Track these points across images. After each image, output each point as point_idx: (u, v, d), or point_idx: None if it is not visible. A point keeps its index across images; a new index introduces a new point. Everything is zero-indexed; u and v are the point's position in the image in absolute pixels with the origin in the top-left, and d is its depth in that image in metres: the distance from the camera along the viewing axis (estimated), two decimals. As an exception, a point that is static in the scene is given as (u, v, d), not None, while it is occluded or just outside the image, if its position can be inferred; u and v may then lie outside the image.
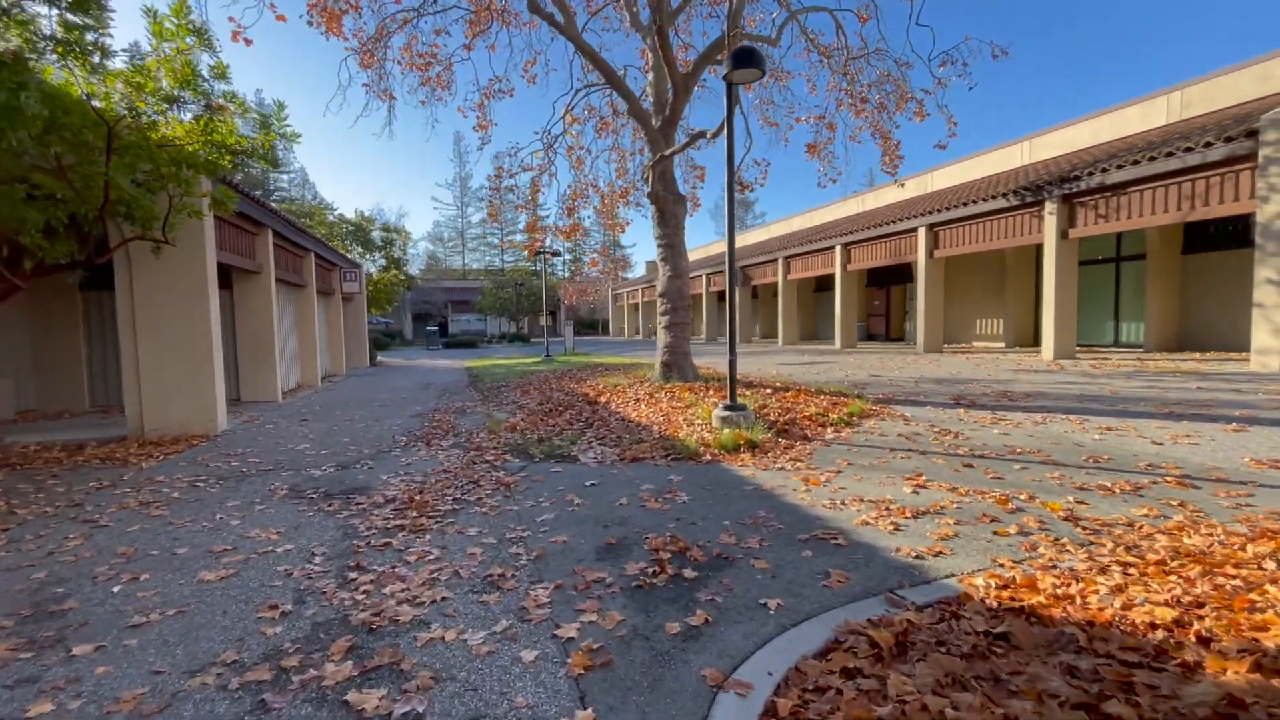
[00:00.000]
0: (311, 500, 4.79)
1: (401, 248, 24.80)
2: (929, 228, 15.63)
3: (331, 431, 7.93)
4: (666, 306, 9.49)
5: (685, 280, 9.61)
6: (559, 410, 8.71)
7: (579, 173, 14.31)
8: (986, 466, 4.84)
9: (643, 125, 9.66)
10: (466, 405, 10.34)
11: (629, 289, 44.20)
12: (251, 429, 8.19)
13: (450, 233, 70.50)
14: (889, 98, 12.06)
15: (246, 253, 10.25)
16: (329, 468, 5.91)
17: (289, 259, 12.77)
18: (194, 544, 3.84)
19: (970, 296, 18.68)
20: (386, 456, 6.37)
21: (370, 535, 3.93)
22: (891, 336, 23.07)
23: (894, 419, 6.89)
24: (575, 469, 5.52)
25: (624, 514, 4.14)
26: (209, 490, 5.13)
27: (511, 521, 4.11)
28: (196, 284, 7.62)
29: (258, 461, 6.21)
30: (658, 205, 9.53)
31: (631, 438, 6.43)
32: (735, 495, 4.42)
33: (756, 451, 5.59)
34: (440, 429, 7.94)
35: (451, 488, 5.04)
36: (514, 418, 8.57)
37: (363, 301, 20.26)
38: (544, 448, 6.40)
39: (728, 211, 6.34)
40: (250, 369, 10.89)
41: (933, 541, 3.35)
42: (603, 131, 14.67)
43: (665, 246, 9.57)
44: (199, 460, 6.30)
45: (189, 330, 7.63)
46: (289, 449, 6.83)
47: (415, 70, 12.00)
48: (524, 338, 44.05)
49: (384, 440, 7.26)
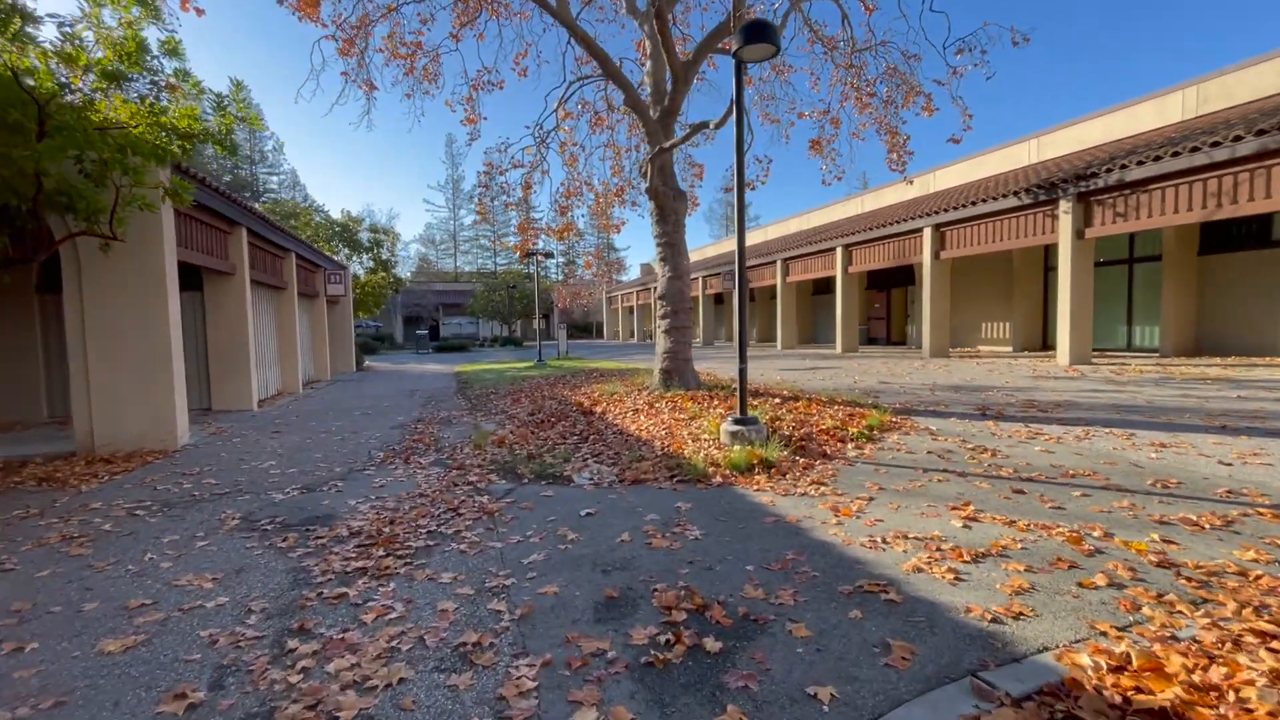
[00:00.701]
0: (264, 533, 4.14)
1: (390, 249, 24.07)
2: (935, 228, 15.11)
3: (303, 446, 7.26)
4: (666, 309, 8.88)
5: (686, 281, 9.01)
6: (551, 421, 8.07)
7: (572, 170, 13.70)
8: (1040, 493, 4.25)
9: (640, 117, 9.07)
10: (452, 414, 9.69)
11: (623, 291, 43.60)
12: (216, 443, 7.51)
13: (442, 235, 69.74)
14: (897, 91, 11.53)
15: (218, 252, 9.57)
16: (293, 490, 5.25)
17: (267, 259, 12.08)
18: (108, 596, 3.18)
19: (976, 299, 18.17)
20: (359, 476, 5.72)
21: (324, 582, 3.29)
22: (893, 340, 22.55)
23: (919, 433, 6.29)
24: (569, 493, 4.89)
25: (626, 554, 3.51)
26: (147, 521, 4.47)
27: (493, 563, 3.47)
28: (153, 285, 6.94)
29: (213, 483, 5.54)
30: (657, 201, 8.93)
31: (631, 455, 5.80)
32: (755, 529, 3.80)
33: (773, 472, 4.97)
34: (421, 442, 7.29)
35: (427, 516, 4.40)
36: (502, 430, 7.93)
37: (349, 304, 19.56)
38: (534, 466, 5.77)
39: (737, 202, 5.74)
40: (222, 376, 10.19)
41: (1006, 597, 2.75)
42: (597, 127, 14.07)
43: (665, 245, 8.97)
44: (147, 482, 5.62)
45: (145, 335, 6.95)
46: (252, 467, 6.16)
47: (400, 60, 11.36)
48: (516, 341, 43.35)
49: (359, 456, 6.61)
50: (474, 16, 11.71)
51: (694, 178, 14.63)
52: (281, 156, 58.84)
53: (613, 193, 14.64)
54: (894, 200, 21.17)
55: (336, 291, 17.03)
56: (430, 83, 12.28)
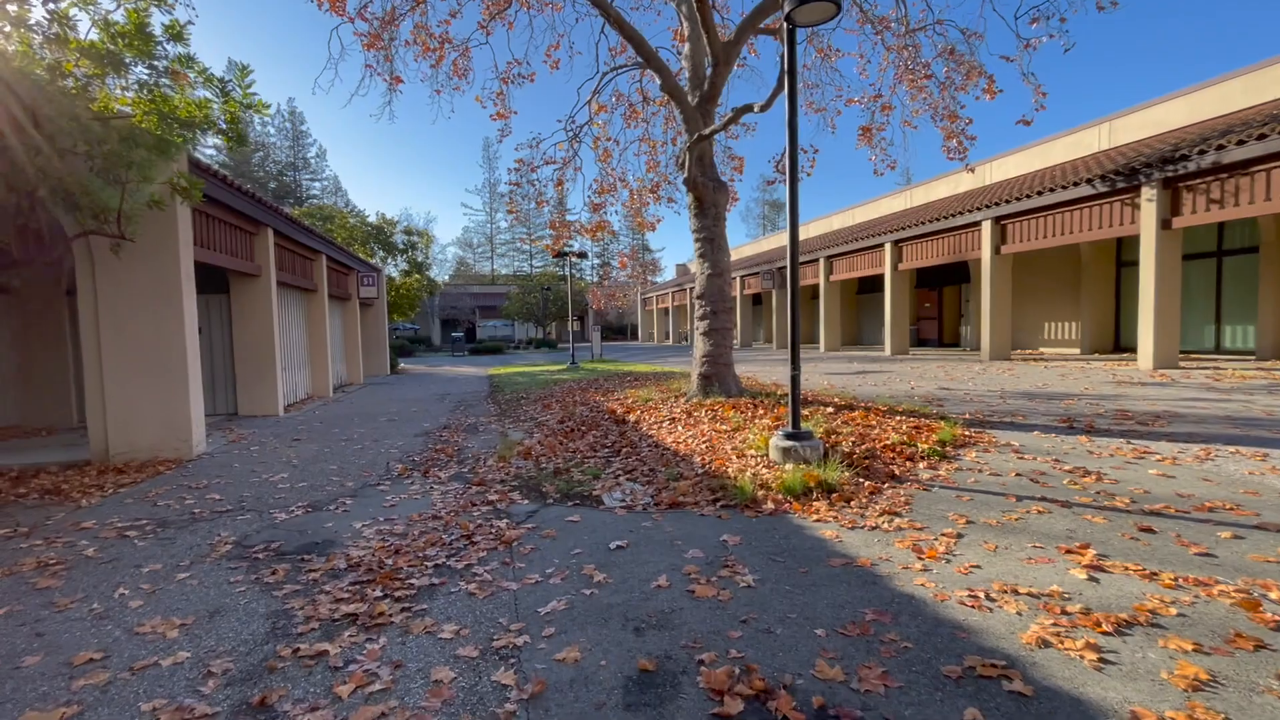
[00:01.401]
0: (254, 563, 3.67)
1: (424, 251, 24.02)
2: (995, 221, 14.01)
3: (320, 455, 6.87)
4: (705, 309, 8.22)
5: (727, 279, 8.33)
6: (582, 430, 7.50)
7: (606, 166, 13.17)
8: (1176, 532, 3.44)
9: (678, 103, 8.44)
10: (480, 421, 9.23)
11: (658, 293, 43.00)
12: (233, 452, 7.19)
13: (479, 238, 70.46)
14: (956, 70, 10.62)
15: (242, 254, 9.34)
16: (297, 509, 4.80)
17: (296, 261, 11.89)
18: (57, 646, 2.72)
19: (1038, 297, 16.90)
20: (371, 492, 5.25)
21: (306, 633, 2.76)
22: (945, 341, 21.30)
23: (1000, 449, 5.47)
24: (598, 518, 4.29)
25: (665, 604, 2.89)
26: (135, 545, 4.05)
27: (505, 612, 2.90)
28: (168, 287, 6.65)
29: (217, 499, 5.14)
30: (695, 193, 8.28)
31: (669, 473, 5.17)
32: (821, 575, 3.13)
33: (834, 498, 4.27)
34: (443, 453, 6.81)
35: (437, 545, 3.86)
36: (529, 439, 7.40)
37: (383, 307, 19.48)
38: (561, 483, 5.19)
39: (789, 186, 5.06)
40: (248, 381, 9.98)
41: (1182, 695, 2.02)
42: (632, 120, 13.50)
43: (704, 240, 8.31)
44: (149, 496, 5.26)
45: (160, 340, 6.67)
46: (262, 480, 5.77)
47: (429, 54, 11.01)
48: (551, 343, 43.20)
49: (375, 468, 6.16)
50: (504, 7, 11.30)
51: (733, 171, 13.93)
52: (324, 163, 60.36)
53: (648, 189, 14.07)
54: (946, 194, 19.98)
55: (369, 294, 16.91)
56: (460, 78, 11.92)
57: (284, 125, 58.21)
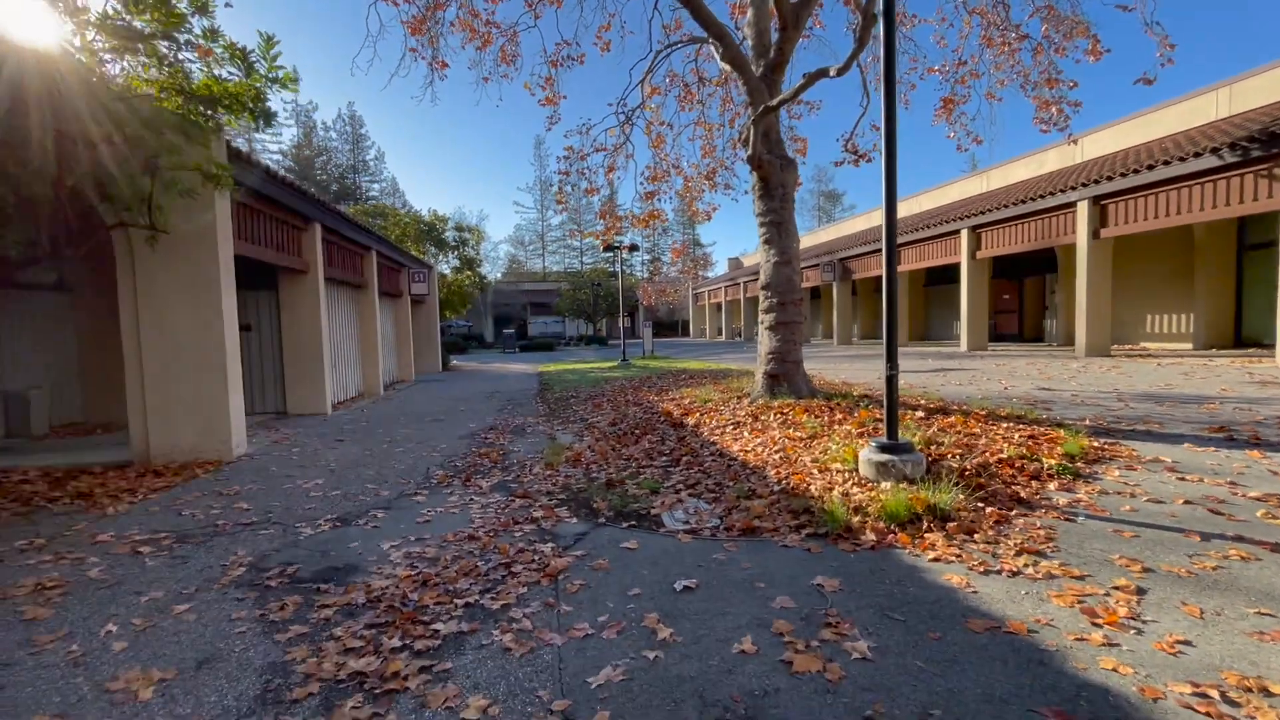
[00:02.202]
0: (264, 593, 3.17)
1: (475, 247, 23.95)
2: (1094, 201, 12.52)
3: (360, 459, 6.47)
4: (771, 301, 7.41)
5: (796, 268, 7.49)
6: (636, 434, 6.85)
7: (659, 152, 12.48)
8: None
9: (741, 73, 7.65)
10: (528, 421, 8.73)
11: (710, 287, 42.04)
12: (272, 454, 6.89)
13: (531, 236, 71.02)
14: (1055, 30, 9.40)
15: (289, 249, 9.14)
16: (325, 523, 4.33)
17: (345, 257, 11.73)
18: (11, 706, 2.25)
19: (1138, 286, 15.16)
20: (407, 504, 4.75)
21: (302, 701, 2.20)
22: (1025, 336, 19.59)
23: (1148, 467, 4.48)
24: (658, 544, 3.62)
25: (752, 683, 2.18)
26: (145, 564, 3.64)
27: (546, 680, 2.26)
28: (206, 282, 6.38)
29: (245, 509, 4.75)
30: (760, 173, 7.47)
31: (738, 489, 4.45)
32: (961, 643, 2.35)
33: (950, 528, 3.45)
34: (487, 458, 6.30)
35: (471, 575, 3.28)
36: (579, 443, 6.81)
37: (434, 304, 19.42)
38: (614, 497, 4.55)
39: (885, 149, 4.24)
40: (296, 379, 9.81)
41: None
42: (686, 103, 12.75)
43: (770, 225, 7.50)
44: (177, 504, 4.93)
45: (199, 337, 6.41)
46: (295, 487, 5.37)
47: (475, 38, 10.57)
48: (602, 339, 42.89)
49: (414, 475, 5.69)
50: (553, -14, 10.74)
51: (796, 153, 12.99)
52: (382, 165, 62.09)
53: (703, 175, 13.30)
54: (1027, 175, 18.29)
55: (420, 291, 16.80)
56: (508, 64, 11.46)
57: (344, 129, 60.17)
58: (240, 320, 9.86)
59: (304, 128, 59.22)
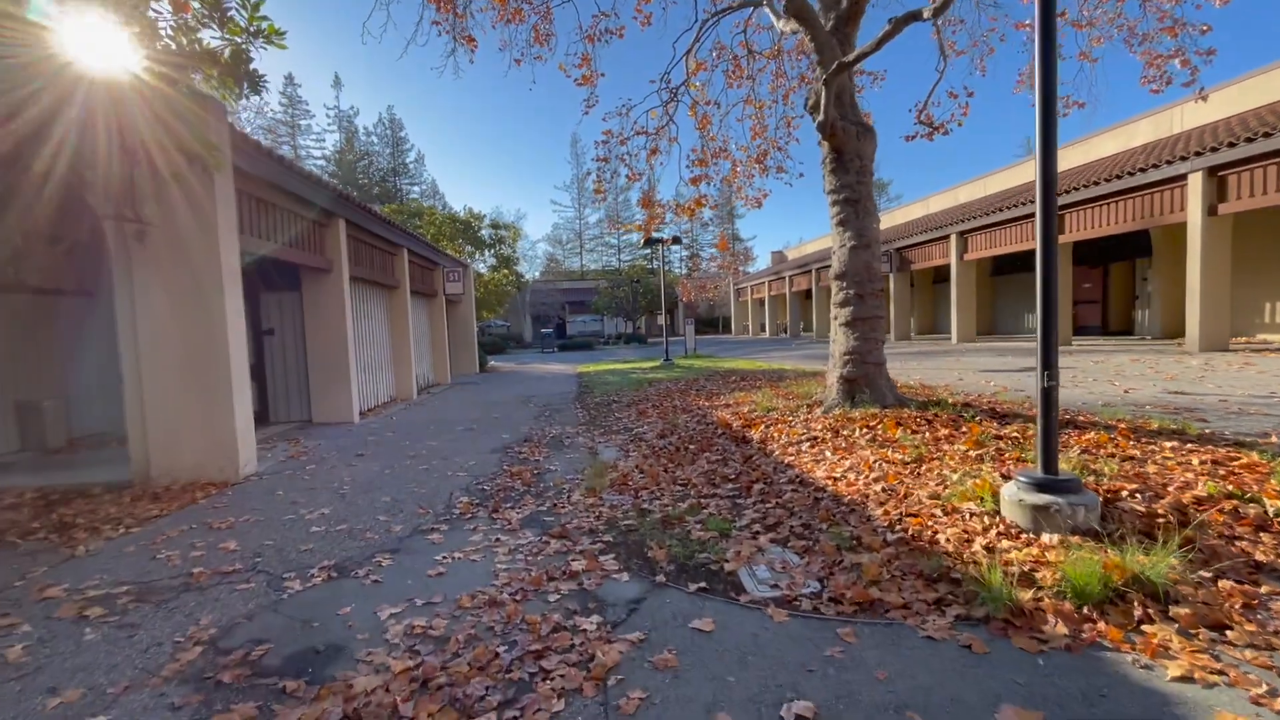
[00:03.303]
0: (213, 694, 2.34)
1: (511, 244, 23.31)
2: (1209, 173, 10.87)
3: (377, 480, 5.69)
4: (847, 292, 6.31)
5: (876, 252, 6.37)
6: (691, 451, 5.87)
7: (705, 133, 11.44)
8: None
9: (808, 27, 6.56)
10: (565, 432, 7.85)
11: (753, 283, 40.63)
12: (283, 474, 6.18)
13: (568, 235, 70.75)
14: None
15: (311, 246, 8.50)
16: (319, 572, 3.51)
17: (374, 255, 11.10)
18: None
19: (1253, 269, 13.29)
20: (420, 544, 3.91)
21: None
22: (1109, 329, 17.72)
23: None
24: (742, 625, 2.64)
25: None
26: (84, 637, 2.86)
27: None
28: (207, 282, 5.70)
29: (232, 550, 3.97)
30: (833, 142, 6.38)
31: (836, 535, 3.42)
32: None
33: (1179, 615, 2.35)
34: (519, 479, 5.43)
35: (488, 671, 2.38)
36: (625, 460, 5.88)
37: (470, 304, 18.84)
38: (673, 542, 3.59)
39: (1039, 91, 3.15)
40: (323, 385, 9.19)
41: None
42: (735, 78, 11.67)
43: (844, 204, 6.40)
44: (158, 541, 4.19)
45: (201, 345, 5.74)
46: (297, 518, 4.59)
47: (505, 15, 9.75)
48: (641, 338, 41.99)
49: (434, 503, 4.85)
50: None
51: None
52: (422, 168, 62.64)
53: (752, 158, 12.22)
54: (1115, 149, 16.46)
55: (455, 290, 16.18)
56: (542, 44, 10.62)
57: (385, 133, 60.94)
58: (263, 324, 9.30)
59: (346, 133, 60.24)
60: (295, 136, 58.07)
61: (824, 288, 28.53)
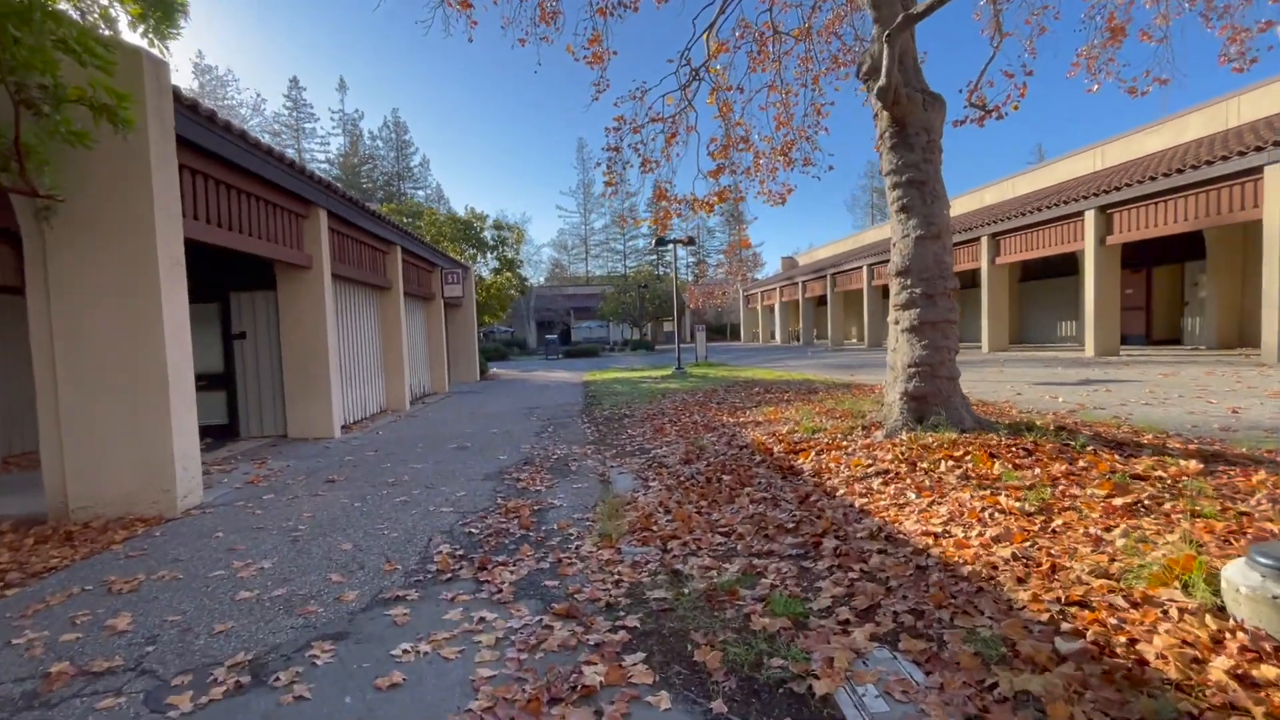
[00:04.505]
0: None
1: (515, 246, 22.32)
2: (1289, 164, 9.77)
3: (343, 517, 4.64)
4: (913, 292, 5.25)
5: (947, 244, 5.31)
6: (726, 483, 4.80)
7: (725, 121, 10.44)
8: None
9: (862, -23, 5.56)
10: (572, 452, 6.80)
11: (763, 288, 39.61)
12: (236, 503, 5.14)
13: (574, 240, 70.00)
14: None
15: (286, 239, 7.50)
16: (224, 674, 2.46)
17: (362, 252, 10.11)
18: None
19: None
20: (377, 623, 2.85)
21: None
22: (1153, 338, 16.56)
23: None
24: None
25: None
26: None
27: None
28: (141, 275, 4.69)
29: (123, 631, 2.92)
30: (894, 111, 5.33)
31: (972, 636, 2.34)
32: None
33: None
34: (516, 518, 4.38)
35: None
36: (645, 494, 4.82)
37: (471, 308, 17.84)
38: (728, 638, 2.52)
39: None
40: (298, 396, 8.16)
41: None
42: (759, 62, 10.66)
43: (908, 186, 5.35)
44: (26, 614, 3.14)
45: (131, 350, 4.72)
46: (227, 575, 3.55)
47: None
48: (648, 344, 40.95)
49: (407, 551, 3.80)
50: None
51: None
52: (427, 172, 62.00)
53: (776, 150, 11.21)
54: (1160, 146, 15.38)
55: (454, 293, 15.19)
56: (548, 24, 9.66)
57: (390, 136, 60.33)
58: (234, 327, 8.30)
59: (350, 136, 59.67)
60: (300, 140, 57.58)
61: (851, 291, 27.47)
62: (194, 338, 8.30)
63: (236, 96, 54.26)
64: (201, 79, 53.41)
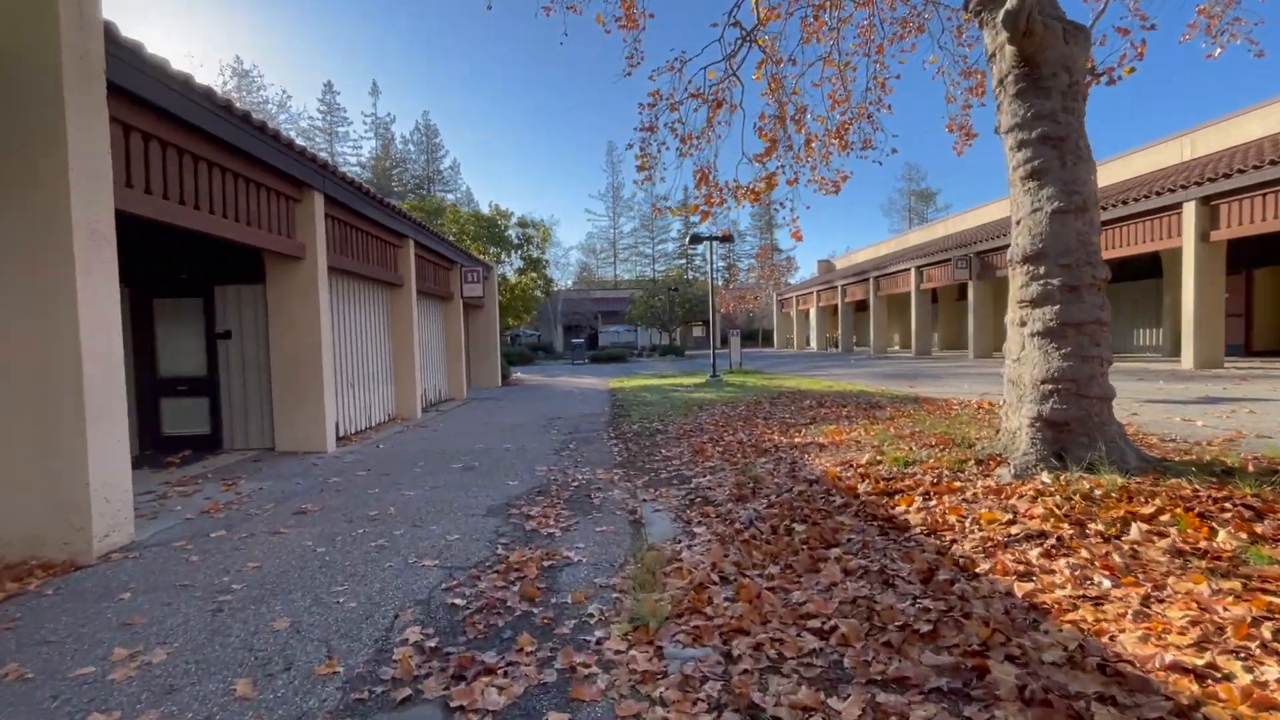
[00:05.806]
0: None
1: (540, 245, 21.35)
2: None
3: (295, 572, 3.54)
4: (1046, 284, 3.95)
5: (1095, 220, 4.01)
6: (799, 536, 3.56)
7: (775, 97, 9.22)
8: None
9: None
10: (595, 477, 5.63)
11: (799, 293, 38.04)
12: (174, 543, 4.09)
13: (602, 243, 69.33)
14: None
15: (276, 226, 6.53)
16: None
17: (368, 244, 9.15)
18: None
19: None
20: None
21: None
22: (1253, 349, 14.69)
23: None
24: None
25: None
26: None
27: None
28: (44, 252, 3.67)
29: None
30: (1026, 44, 4.04)
31: None
32: None
33: None
34: (521, 579, 3.22)
35: None
36: (689, 548, 3.61)
37: (493, 310, 16.87)
38: None
39: None
40: (287, 405, 7.18)
41: None
42: (814, 31, 9.41)
43: (1040, 142, 4.06)
44: None
45: (34, 348, 3.71)
46: (94, 675, 2.46)
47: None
48: (678, 350, 39.64)
49: (360, 640, 2.67)
50: None
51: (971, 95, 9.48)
52: (457, 175, 61.96)
53: (831, 133, 9.96)
54: (1261, 133, 13.58)
55: (474, 293, 14.22)
56: (577, -9, 8.62)
57: (420, 139, 60.46)
58: (217, 325, 7.36)
59: (382, 140, 59.97)
60: (333, 143, 58.03)
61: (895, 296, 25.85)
62: (174, 337, 7.49)
63: (263, 93, 54.73)
64: (239, 80, 54.12)
